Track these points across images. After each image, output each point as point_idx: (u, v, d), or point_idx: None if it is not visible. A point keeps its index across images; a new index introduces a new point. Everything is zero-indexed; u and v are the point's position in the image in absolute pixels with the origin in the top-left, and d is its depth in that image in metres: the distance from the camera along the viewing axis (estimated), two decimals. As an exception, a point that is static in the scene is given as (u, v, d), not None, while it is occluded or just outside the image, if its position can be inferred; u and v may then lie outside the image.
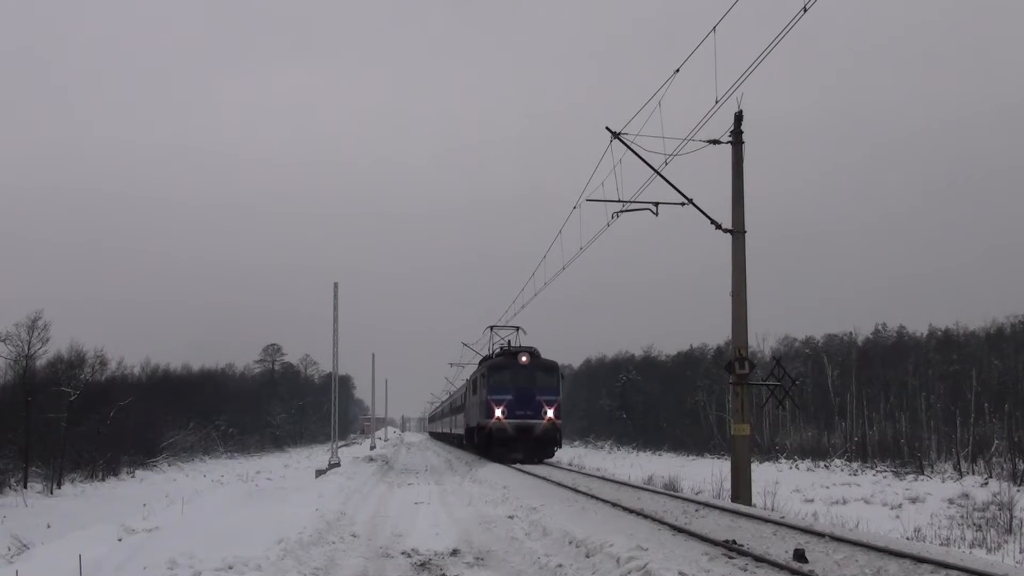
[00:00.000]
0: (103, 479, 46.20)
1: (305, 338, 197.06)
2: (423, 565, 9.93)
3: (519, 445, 28.33)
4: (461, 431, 42.49)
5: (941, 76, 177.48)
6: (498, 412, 28.25)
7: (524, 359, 28.82)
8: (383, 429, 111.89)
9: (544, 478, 20.74)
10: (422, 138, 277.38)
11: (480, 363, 34.92)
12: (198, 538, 10.38)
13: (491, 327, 36.54)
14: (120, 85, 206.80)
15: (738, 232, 18.01)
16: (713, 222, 18.15)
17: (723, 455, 47.56)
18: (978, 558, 10.69)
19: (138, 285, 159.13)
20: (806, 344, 71.86)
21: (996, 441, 42.82)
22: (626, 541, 9.32)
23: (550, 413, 28.30)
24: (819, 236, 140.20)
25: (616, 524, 11.19)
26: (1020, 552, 17.17)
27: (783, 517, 12.83)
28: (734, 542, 9.23)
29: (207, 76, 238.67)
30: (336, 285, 37.70)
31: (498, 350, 32.71)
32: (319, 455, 63.04)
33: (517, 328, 35.57)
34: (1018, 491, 28.34)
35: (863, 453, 49.42)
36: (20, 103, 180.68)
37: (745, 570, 8.00)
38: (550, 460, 29.72)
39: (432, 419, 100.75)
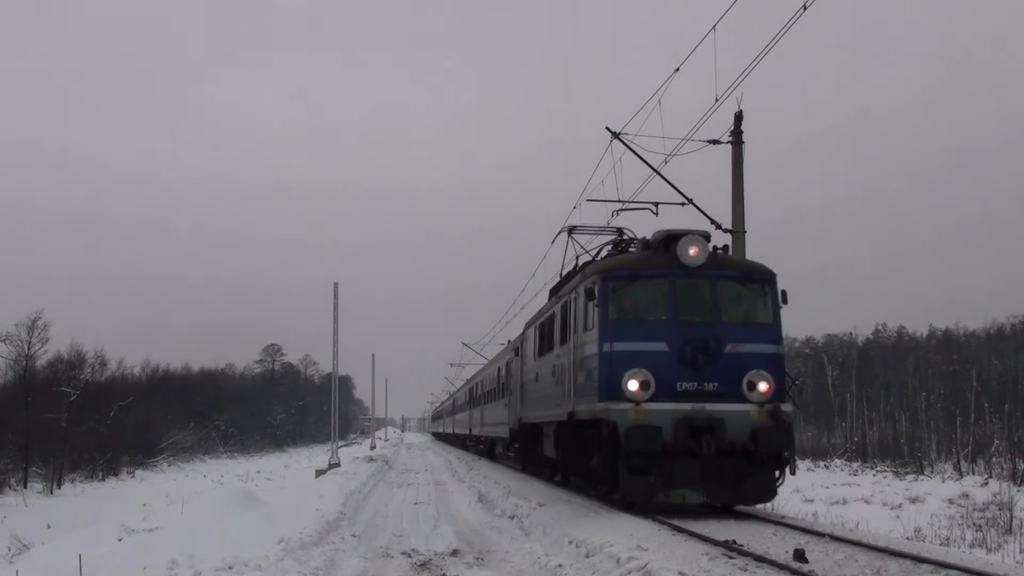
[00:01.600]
0: (103, 479, 46.28)
1: (305, 338, 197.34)
2: (423, 565, 9.92)
3: (690, 466, 11.42)
4: (495, 431, 25.63)
5: (943, 79, 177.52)
6: (631, 383, 11.67)
7: (693, 251, 12.27)
8: (383, 429, 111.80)
9: (544, 478, 20.68)
10: (422, 138, 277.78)
11: (570, 275, 16.88)
12: (198, 538, 10.38)
13: (569, 230, 17.90)
14: (118, 85, 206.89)
15: (738, 232, 17.99)
16: (713, 222, 18.12)
17: (723, 455, 47.40)
18: (978, 558, 10.69)
19: (138, 285, 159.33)
20: (806, 344, 71.97)
21: (996, 441, 42.86)
22: (626, 541, 9.31)
23: (763, 385, 11.94)
24: (820, 238, 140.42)
25: (616, 524, 11.17)
26: (1020, 552, 17.15)
27: (783, 517, 12.81)
28: (734, 542, 9.21)
29: (206, 76, 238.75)
30: (336, 285, 37.80)
31: (610, 247, 16.18)
32: (319, 455, 63.00)
33: (620, 231, 16.91)
34: (1018, 491, 28.33)
35: (863, 453, 49.46)
36: (19, 103, 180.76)
37: (745, 570, 7.99)
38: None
39: (437, 417, 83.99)
